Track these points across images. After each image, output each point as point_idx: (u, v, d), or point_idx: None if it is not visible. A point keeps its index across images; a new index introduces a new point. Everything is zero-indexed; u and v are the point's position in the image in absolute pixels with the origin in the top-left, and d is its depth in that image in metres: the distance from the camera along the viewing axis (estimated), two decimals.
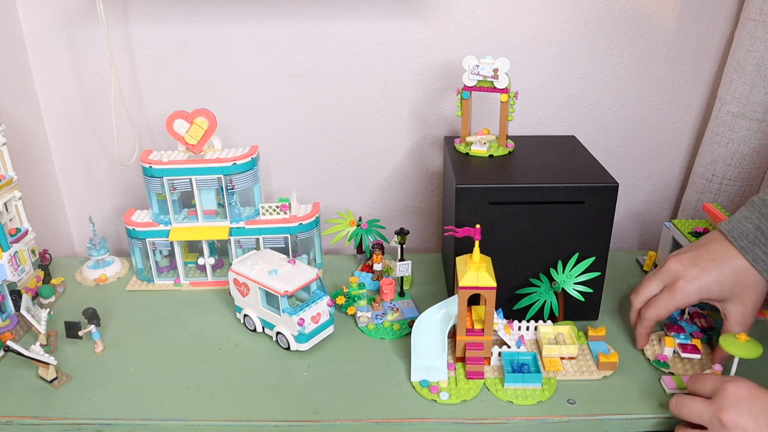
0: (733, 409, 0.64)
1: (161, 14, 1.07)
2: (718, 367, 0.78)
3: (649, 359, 0.83)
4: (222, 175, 0.97)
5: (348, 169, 1.21)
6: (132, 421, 0.75)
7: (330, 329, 0.89)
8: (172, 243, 1.01)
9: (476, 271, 0.77)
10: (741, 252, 0.76)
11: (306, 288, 0.87)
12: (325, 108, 1.15)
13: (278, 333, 0.87)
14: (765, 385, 0.67)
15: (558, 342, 0.83)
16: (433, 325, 0.83)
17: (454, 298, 0.80)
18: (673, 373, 0.81)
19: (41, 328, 0.86)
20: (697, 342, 0.83)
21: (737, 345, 0.73)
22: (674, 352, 0.83)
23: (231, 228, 1.00)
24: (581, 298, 0.86)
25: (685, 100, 1.16)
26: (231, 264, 0.95)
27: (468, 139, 0.97)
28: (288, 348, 0.86)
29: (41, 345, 0.83)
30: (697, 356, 0.82)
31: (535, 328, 0.86)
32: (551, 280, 0.88)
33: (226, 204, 0.99)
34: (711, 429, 0.66)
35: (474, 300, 0.79)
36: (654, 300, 0.81)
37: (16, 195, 0.99)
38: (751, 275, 0.76)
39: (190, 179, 0.97)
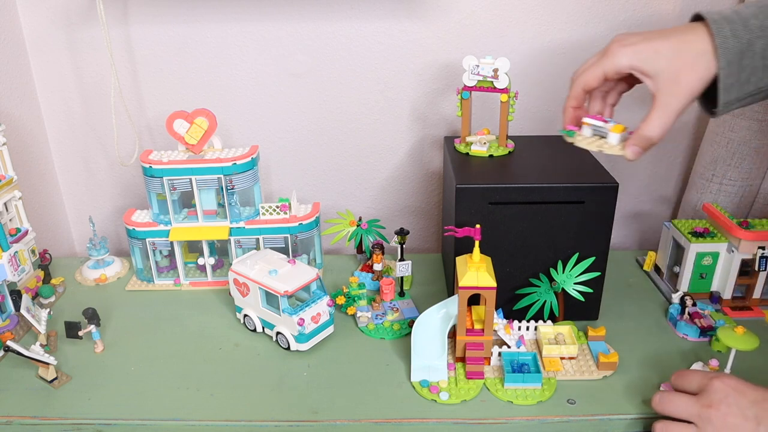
0: (722, 404, 0.65)
1: (161, 14, 1.07)
2: (714, 362, 0.79)
3: (559, 133, 0.76)
4: (222, 175, 0.97)
5: (348, 169, 1.21)
6: (132, 421, 0.75)
7: (330, 329, 0.89)
8: (172, 243, 1.01)
9: (476, 271, 0.77)
10: (707, 21, 0.63)
11: (306, 288, 0.87)
12: (325, 108, 1.15)
13: (278, 333, 0.87)
14: (760, 379, 0.68)
15: (558, 342, 0.83)
16: (433, 325, 0.83)
17: (454, 298, 0.80)
18: (574, 141, 0.73)
19: (41, 328, 0.86)
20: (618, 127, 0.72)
21: (734, 337, 0.74)
22: (592, 131, 0.74)
23: (231, 228, 1.00)
24: (581, 298, 0.86)
25: None
26: (231, 264, 0.95)
27: (468, 139, 0.97)
28: (288, 348, 0.86)
29: (41, 345, 0.83)
30: (601, 123, 0.72)
31: (535, 328, 0.86)
32: (551, 280, 0.88)
33: (226, 204, 0.99)
34: (699, 424, 0.66)
35: (474, 300, 0.79)
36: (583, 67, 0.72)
37: (16, 195, 0.99)
38: (698, 51, 0.64)
39: (190, 179, 0.97)
